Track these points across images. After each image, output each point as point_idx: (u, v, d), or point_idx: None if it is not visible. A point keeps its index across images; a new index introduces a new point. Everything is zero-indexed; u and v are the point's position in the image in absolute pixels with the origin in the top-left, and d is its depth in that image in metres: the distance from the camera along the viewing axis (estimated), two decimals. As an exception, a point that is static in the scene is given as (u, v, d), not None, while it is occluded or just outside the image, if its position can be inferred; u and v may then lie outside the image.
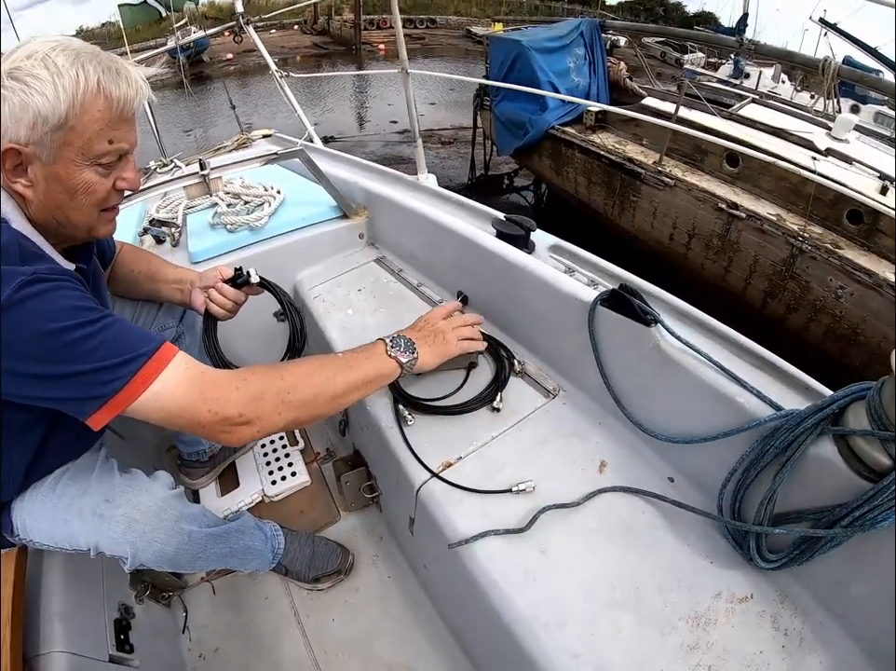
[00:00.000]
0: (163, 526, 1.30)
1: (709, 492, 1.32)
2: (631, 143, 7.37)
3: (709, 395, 1.27)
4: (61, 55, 0.98)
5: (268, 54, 3.67)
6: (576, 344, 1.60)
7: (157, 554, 1.30)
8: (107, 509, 1.25)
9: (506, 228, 1.89)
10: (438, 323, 1.56)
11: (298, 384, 1.19)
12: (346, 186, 2.49)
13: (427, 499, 1.43)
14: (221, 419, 1.09)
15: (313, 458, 2.35)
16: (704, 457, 1.32)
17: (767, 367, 1.30)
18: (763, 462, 1.14)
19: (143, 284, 1.67)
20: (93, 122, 1.01)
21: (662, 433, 1.40)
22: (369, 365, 1.35)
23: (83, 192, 1.08)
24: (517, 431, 1.57)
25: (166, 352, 1.05)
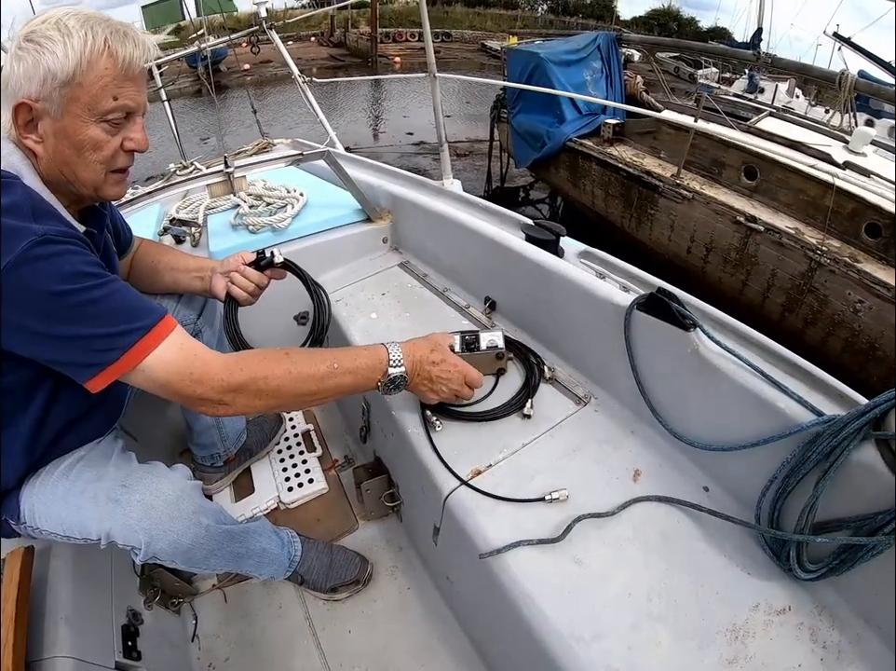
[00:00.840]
0: (181, 515, 1.28)
1: (745, 501, 1.30)
2: (649, 155, 7.32)
3: (749, 401, 1.25)
4: (73, 18, 1.04)
5: (291, 59, 3.66)
6: (608, 349, 1.57)
7: (173, 544, 1.27)
8: (124, 493, 1.23)
9: (535, 233, 1.86)
10: (455, 376, 1.48)
11: (285, 380, 1.23)
12: (370, 190, 2.47)
13: (456, 508, 1.39)
14: (201, 398, 1.17)
15: (331, 465, 2.29)
16: (741, 465, 1.30)
17: (804, 375, 1.27)
18: (804, 469, 1.12)
19: (164, 275, 1.67)
20: (99, 79, 1.05)
21: (698, 441, 1.36)
22: (357, 379, 1.35)
23: (90, 148, 1.11)
24: (548, 439, 1.53)
25: (163, 328, 1.11)
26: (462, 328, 1.95)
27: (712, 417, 1.36)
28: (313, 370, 1.26)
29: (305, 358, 1.29)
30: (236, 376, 1.18)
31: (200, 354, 1.16)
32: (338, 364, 1.29)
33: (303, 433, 2.40)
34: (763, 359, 1.32)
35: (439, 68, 2.76)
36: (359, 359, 1.34)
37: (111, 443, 1.41)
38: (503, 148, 10.41)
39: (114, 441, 1.42)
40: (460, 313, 2.06)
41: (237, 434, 2.11)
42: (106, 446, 1.38)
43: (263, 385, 1.20)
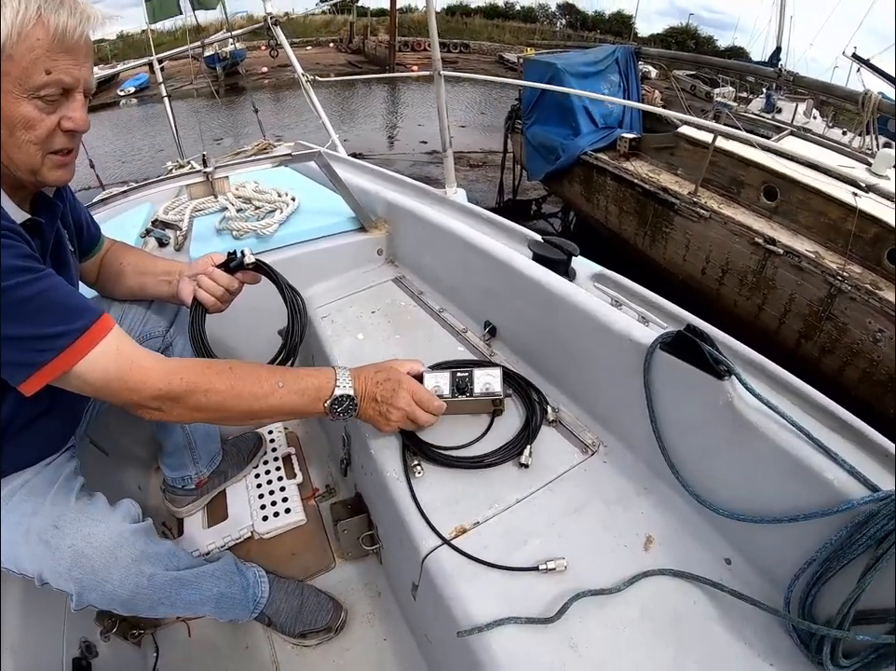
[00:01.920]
0: (118, 564, 1.18)
1: (773, 579, 1.11)
2: (666, 172, 7.23)
3: (789, 466, 1.03)
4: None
5: (296, 59, 3.56)
6: (623, 391, 1.37)
7: (108, 595, 1.19)
8: (54, 536, 1.14)
9: (544, 251, 1.67)
10: (400, 394, 1.33)
11: (226, 396, 1.17)
12: (365, 197, 2.33)
13: (435, 571, 1.20)
14: (137, 404, 1.12)
15: (311, 494, 2.14)
16: (773, 538, 1.10)
17: (856, 437, 1.07)
18: (851, 554, 0.93)
19: (130, 278, 1.58)
20: (30, 51, 0.96)
21: (724, 507, 1.16)
22: (303, 400, 1.26)
23: (22, 127, 1.01)
24: (548, 493, 1.33)
25: (99, 329, 1.06)
26: (457, 355, 1.78)
27: (742, 480, 1.15)
28: (256, 388, 1.19)
29: (250, 374, 1.21)
30: (174, 385, 1.12)
31: (137, 360, 1.10)
32: (283, 384, 1.22)
33: (283, 457, 2.26)
34: (812, 416, 1.13)
35: (457, 78, 2.62)
36: (306, 379, 1.27)
37: (62, 464, 1.31)
38: (516, 160, 10.39)
39: (66, 462, 1.33)
40: (456, 338, 1.87)
41: (210, 456, 1.99)
42: (55, 470, 1.28)
43: (202, 398, 1.15)
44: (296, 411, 1.27)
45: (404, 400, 1.33)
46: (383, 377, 1.34)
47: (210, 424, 1.85)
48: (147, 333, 1.63)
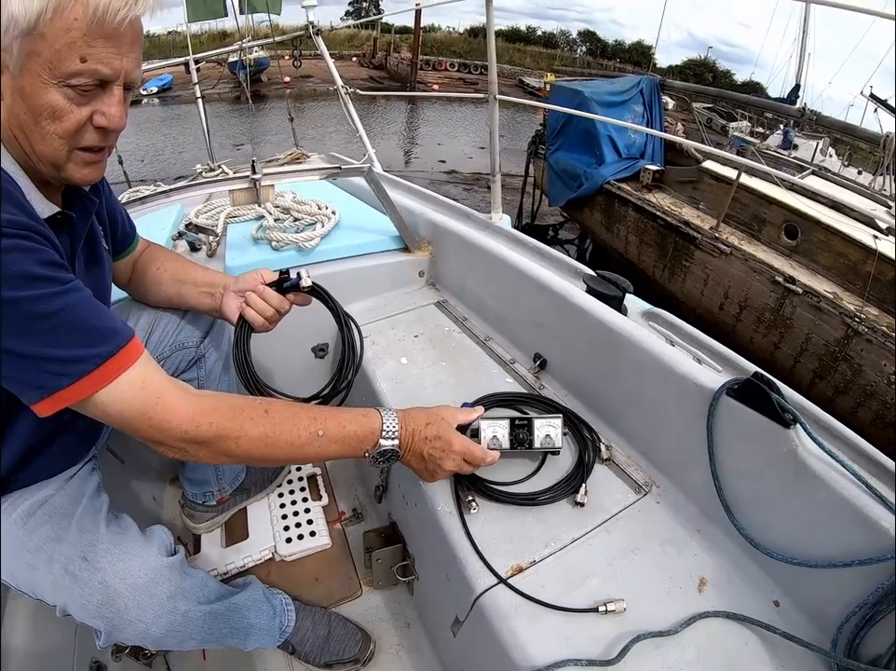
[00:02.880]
0: (152, 603, 1.10)
1: (821, 621, 1.11)
2: (688, 205, 7.26)
3: (846, 513, 1.05)
4: None
5: (335, 68, 3.54)
6: (680, 433, 1.35)
7: (140, 634, 1.10)
8: (83, 569, 1.05)
9: (599, 286, 1.64)
10: (451, 457, 1.24)
11: (259, 444, 1.06)
12: (410, 216, 2.29)
13: (490, 610, 1.16)
14: (160, 443, 1.02)
15: (337, 517, 2.07)
16: (824, 582, 1.10)
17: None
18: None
19: (168, 285, 1.50)
20: (65, 32, 0.84)
21: (777, 551, 1.15)
22: (344, 449, 1.16)
23: (48, 116, 0.90)
24: (603, 534, 1.30)
25: (125, 357, 0.95)
26: (506, 387, 1.74)
27: (797, 526, 1.15)
28: (293, 436, 1.09)
29: (288, 419, 1.10)
30: (202, 430, 1.01)
31: (164, 397, 0.99)
32: (323, 432, 1.11)
33: (308, 478, 2.20)
34: (859, 464, 1.12)
35: (477, 100, 2.60)
36: (349, 426, 1.15)
37: (84, 479, 1.23)
38: (536, 184, 10.43)
39: (88, 476, 1.25)
40: (504, 369, 1.83)
41: (235, 473, 1.93)
42: (77, 485, 1.20)
43: (233, 445, 1.04)
44: (336, 458, 1.20)
45: (454, 463, 1.24)
46: (433, 434, 1.23)
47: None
48: (180, 343, 1.56)
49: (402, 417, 1.22)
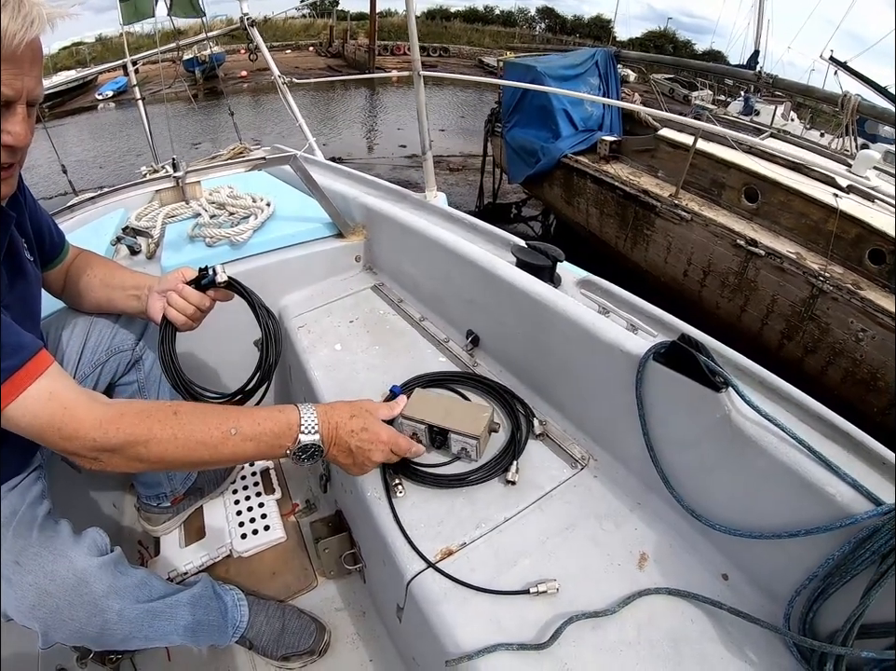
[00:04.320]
0: (82, 601, 1.11)
1: (772, 595, 1.08)
2: (646, 174, 7.27)
3: (790, 480, 1.00)
4: None
5: (273, 62, 3.50)
6: (614, 403, 1.33)
7: (76, 633, 1.13)
8: (15, 573, 1.07)
9: (528, 257, 1.61)
10: (379, 448, 1.22)
11: (169, 447, 1.04)
12: (343, 202, 2.27)
13: (421, 596, 1.15)
14: (73, 453, 1.01)
15: (290, 510, 2.07)
16: (772, 554, 1.07)
17: (858, 450, 1.04)
18: (854, 569, 0.91)
19: (97, 290, 1.50)
20: None
21: (720, 523, 1.11)
22: (260, 447, 1.13)
23: None
24: (537, 512, 1.28)
25: (30, 371, 0.96)
26: (439, 366, 1.73)
27: (739, 495, 1.11)
28: (205, 435, 1.06)
29: (198, 419, 1.08)
30: (111, 436, 1.00)
31: (71, 407, 0.98)
32: (236, 430, 1.08)
33: (261, 472, 2.19)
34: (811, 428, 1.09)
35: (436, 82, 2.56)
36: (264, 423, 1.12)
37: (27, 488, 1.23)
38: (496, 163, 10.41)
39: (32, 485, 1.25)
40: (437, 348, 1.81)
41: (185, 473, 1.91)
42: (19, 495, 1.20)
43: (143, 450, 1.02)
44: (254, 457, 1.16)
45: (383, 454, 1.23)
46: (359, 426, 1.21)
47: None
48: (116, 347, 1.56)
49: (324, 411, 1.19)
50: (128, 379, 1.64)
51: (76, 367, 1.51)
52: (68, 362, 1.50)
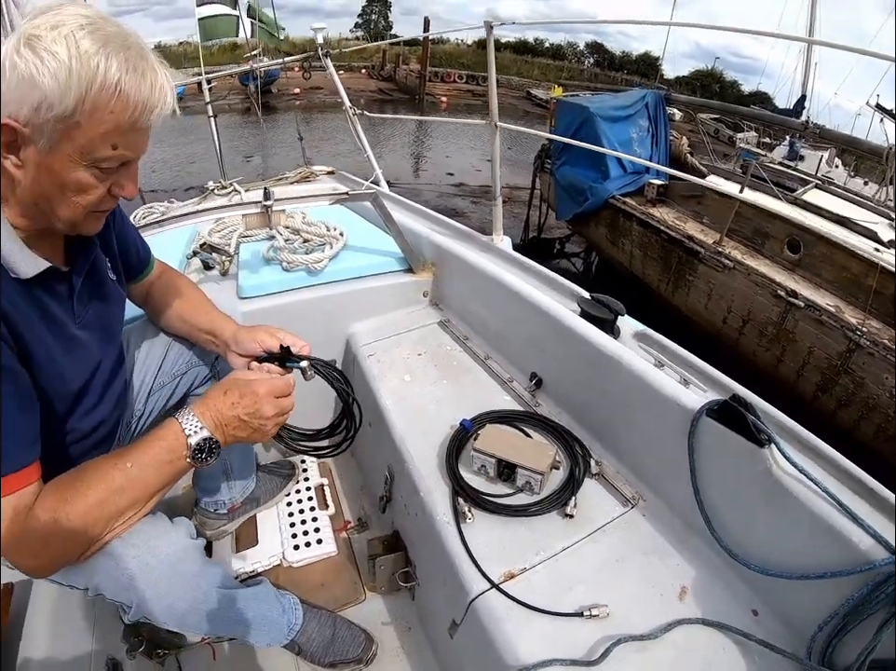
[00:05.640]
0: (180, 578, 1.19)
1: (797, 630, 1.18)
2: (692, 220, 7.28)
3: (820, 529, 1.12)
4: (88, 38, 0.87)
5: (343, 89, 3.61)
6: (665, 450, 1.44)
7: (167, 608, 1.19)
8: (118, 547, 1.11)
9: (592, 309, 1.73)
10: (264, 402, 1.20)
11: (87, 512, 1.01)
12: (415, 239, 2.37)
13: (483, 613, 1.26)
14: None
15: (342, 526, 2.14)
16: (799, 593, 1.18)
17: (881, 504, 1.15)
18: (869, 610, 1.03)
19: (175, 323, 1.56)
20: (101, 123, 0.90)
21: (754, 562, 1.23)
22: (162, 467, 1.10)
23: (74, 190, 0.97)
24: (591, 544, 1.39)
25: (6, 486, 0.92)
26: (503, 403, 1.84)
27: (773, 539, 1.23)
28: (109, 483, 1.03)
29: (93, 473, 1.04)
30: (45, 557, 1.01)
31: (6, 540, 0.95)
32: (131, 463, 1.06)
33: (316, 488, 2.26)
34: (841, 482, 1.20)
35: (485, 110, 2.68)
36: (153, 444, 1.10)
37: None
38: (543, 198, 10.45)
39: None
40: (502, 387, 1.92)
41: (245, 483, 2.01)
42: None
43: (65, 535, 1.00)
44: (165, 481, 1.12)
45: (271, 406, 1.21)
46: (236, 396, 1.19)
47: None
48: (195, 360, 1.65)
49: (198, 403, 1.18)
50: (202, 391, 1.67)
51: (156, 375, 1.59)
52: (147, 370, 1.58)
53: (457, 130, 21.58)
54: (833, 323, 5.27)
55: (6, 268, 0.96)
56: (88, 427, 1.23)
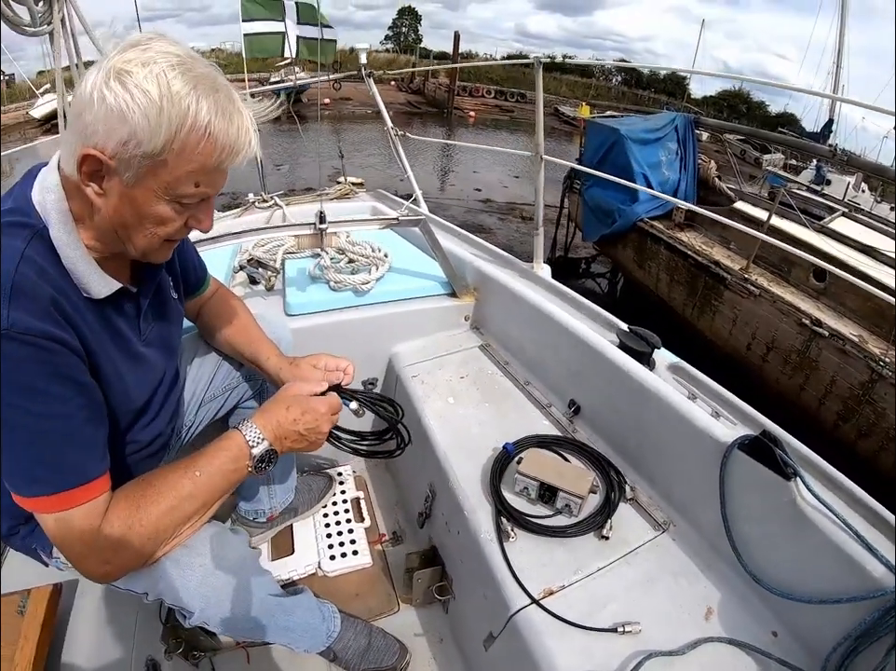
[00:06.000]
0: (239, 584, 1.25)
1: (813, 651, 1.25)
2: (719, 245, 7.32)
3: (838, 558, 1.20)
4: (179, 79, 0.89)
5: (385, 110, 3.68)
6: (696, 479, 1.53)
7: (226, 613, 1.24)
8: (185, 555, 1.17)
9: (630, 341, 1.82)
10: (323, 420, 1.30)
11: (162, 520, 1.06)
12: (457, 263, 2.44)
13: (523, 626, 1.33)
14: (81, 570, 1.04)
15: (378, 539, 2.20)
16: (816, 616, 1.25)
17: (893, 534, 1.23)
18: (879, 633, 1.11)
19: (223, 346, 1.63)
20: (187, 163, 0.94)
21: (776, 587, 1.31)
22: (226, 475, 1.16)
23: (153, 222, 1.00)
24: (625, 565, 1.47)
25: (71, 498, 0.96)
26: (543, 428, 1.91)
27: (795, 565, 1.31)
28: (179, 491, 1.08)
29: (163, 481, 1.09)
30: (114, 563, 1.05)
31: (83, 552, 1.01)
32: (200, 472, 1.11)
33: (352, 500, 2.32)
34: (856, 512, 1.29)
35: (511, 127, 2.75)
36: (218, 455, 1.15)
37: None
38: (571, 218, 10.49)
39: None
40: (541, 412, 2.01)
41: (286, 493, 2.06)
42: None
43: (136, 542, 1.04)
44: (228, 488, 1.18)
45: (329, 423, 1.31)
46: (298, 413, 1.25)
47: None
48: (246, 375, 1.72)
49: (261, 417, 1.23)
50: (251, 405, 1.77)
51: (206, 388, 1.66)
52: (198, 383, 1.64)
53: (486, 143, 21.66)
54: (856, 353, 5.29)
55: (81, 288, 1.01)
56: (146, 439, 1.27)
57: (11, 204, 0.99)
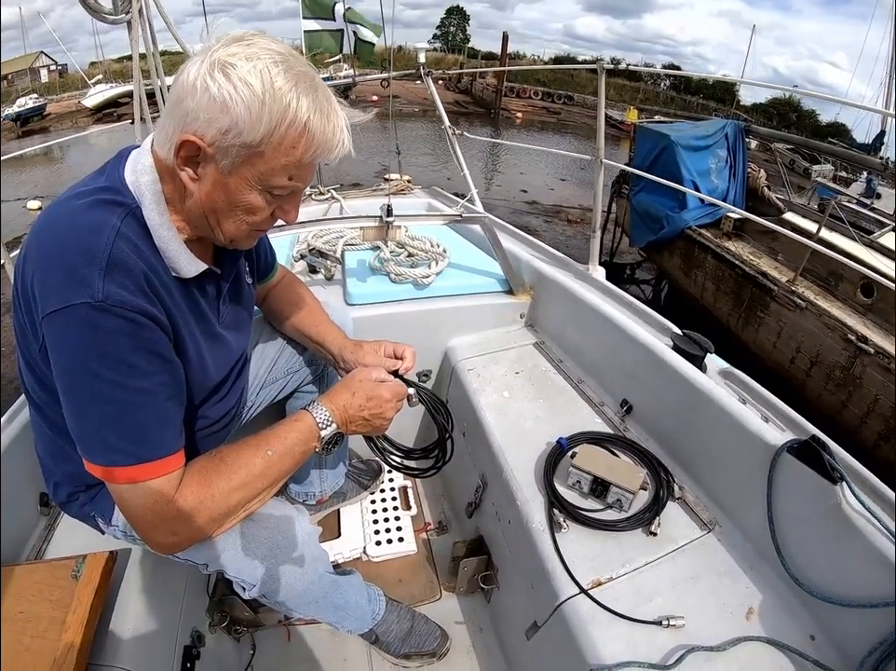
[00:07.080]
0: (301, 559, 1.29)
1: (848, 654, 1.27)
2: (766, 256, 7.21)
3: (879, 563, 1.23)
4: (282, 75, 0.92)
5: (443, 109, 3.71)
6: (744, 481, 1.56)
7: (287, 587, 1.29)
8: (250, 527, 1.23)
9: (684, 344, 1.85)
10: (388, 406, 1.32)
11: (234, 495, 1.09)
12: (514, 262, 2.49)
13: (570, 615, 1.38)
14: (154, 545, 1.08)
15: (423, 527, 2.28)
16: (854, 620, 1.27)
17: None
18: None
19: (288, 328, 1.67)
20: (283, 156, 0.97)
21: (817, 589, 1.34)
22: (295, 456, 1.19)
23: (244, 210, 1.04)
24: (671, 561, 1.51)
25: (151, 469, 0.98)
26: (595, 426, 1.95)
27: (835, 569, 1.34)
28: (251, 468, 1.11)
29: (236, 457, 1.11)
30: (181, 540, 1.07)
31: (156, 522, 1.02)
32: (272, 451, 1.14)
33: (400, 489, 2.39)
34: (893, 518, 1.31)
35: (558, 129, 2.76)
36: (290, 436, 1.18)
37: None
38: (618, 223, 10.41)
39: None
40: (594, 410, 2.06)
41: (337, 477, 2.11)
42: None
43: (206, 515, 1.06)
44: (295, 467, 1.21)
45: (393, 410, 1.33)
46: (364, 399, 1.28)
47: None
48: (309, 360, 1.76)
49: (330, 401, 1.26)
50: (310, 390, 1.82)
51: (270, 369, 1.70)
52: (262, 365, 1.68)
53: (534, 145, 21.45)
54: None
55: (170, 268, 1.04)
56: (216, 416, 1.31)
57: (105, 182, 1.02)
